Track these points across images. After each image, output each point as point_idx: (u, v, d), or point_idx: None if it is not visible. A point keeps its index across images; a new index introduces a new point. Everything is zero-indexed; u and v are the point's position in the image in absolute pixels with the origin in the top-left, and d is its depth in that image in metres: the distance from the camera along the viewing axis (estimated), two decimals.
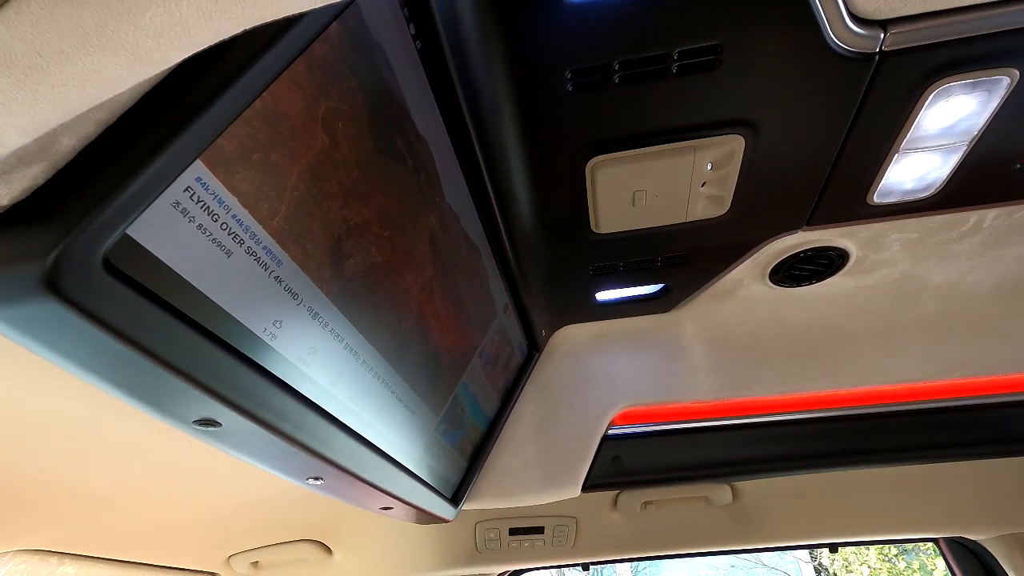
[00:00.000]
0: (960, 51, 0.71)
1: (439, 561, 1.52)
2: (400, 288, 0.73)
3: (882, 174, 0.90)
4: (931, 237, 1.09)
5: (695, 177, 0.88)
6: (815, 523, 1.46)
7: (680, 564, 15.33)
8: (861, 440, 1.25)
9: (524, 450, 1.29)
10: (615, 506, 1.43)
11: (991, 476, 1.33)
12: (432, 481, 1.05)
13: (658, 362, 1.34)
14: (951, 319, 1.29)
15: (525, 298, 1.15)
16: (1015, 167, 0.91)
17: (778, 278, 1.19)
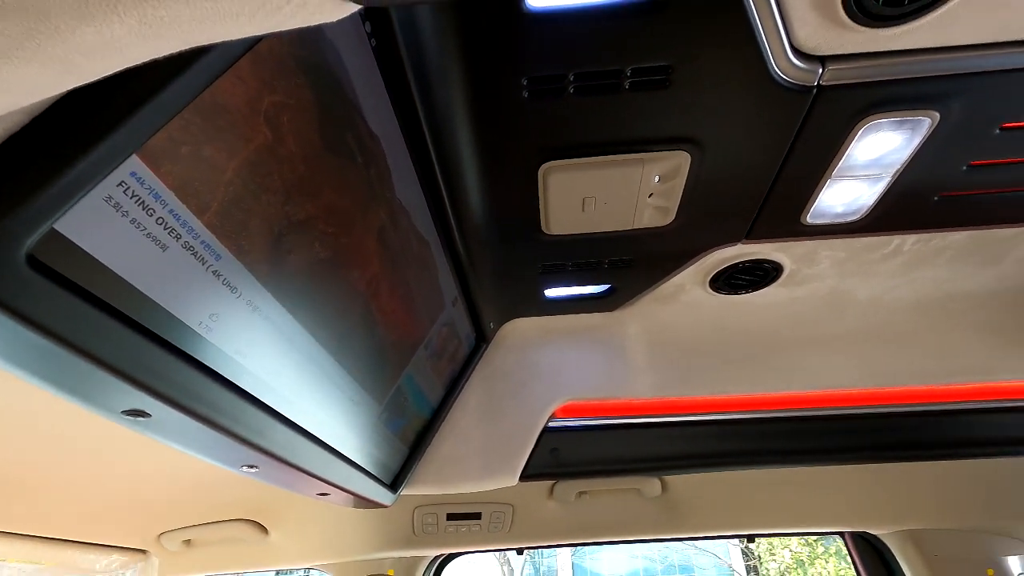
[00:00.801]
0: (889, 91, 0.76)
1: (376, 543, 1.54)
2: (345, 282, 0.73)
3: (815, 197, 0.96)
4: (857, 256, 1.16)
5: (643, 188, 0.91)
6: (736, 515, 1.56)
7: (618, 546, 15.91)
8: (781, 441, 1.34)
9: (466, 439, 1.32)
10: (551, 495, 1.48)
11: (891, 478, 1.45)
12: (371, 468, 1.06)
13: (601, 359, 1.39)
14: (872, 332, 1.38)
15: (475, 292, 1.17)
16: (933, 199, 0.98)
17: (717, 286, 1.25)
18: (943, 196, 0.97)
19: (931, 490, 1.49)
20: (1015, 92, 0.77)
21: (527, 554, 14.35)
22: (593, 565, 15.92)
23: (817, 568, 10.41)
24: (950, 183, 0.94)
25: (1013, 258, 1.19)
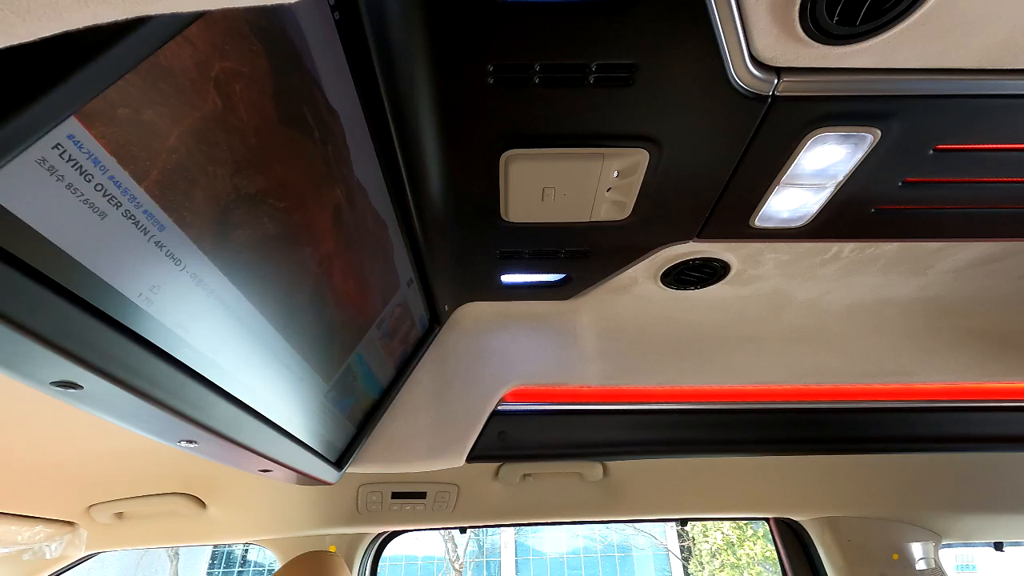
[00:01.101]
0: (837, 106, 0.80)
1: (318, 519, 1.53)
2: (296, 260, 0.72)
3: (764, 202, 1.00)
4: (799, 260, 1.22)
5: (602, 182, 0.93)
6: (672, 500, 1.63)
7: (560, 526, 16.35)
8: (716, 432, 1.41)
9: (415, 419, 1.32)
10: (496, 476, 1.51)
11: (813, 469, 1.55)
12: (316, 445, 1.05)
13: (553, 346, 1.41)
14: (810, 332, 1.46)
15: (431, 274, 1.16)
16: (870, 211, 1.04)
17: (668, 281, 1.29)
18: (879, 209, 1.03)
19: (847, 481, 1.60)
20: (949, 117, 0.82)
21: (471, 531, 14.55)
22: (535, 543, 16.32)
23: (745, 549, 11.03)
24: (886, 197, 1.00)
25: (937, 270, 1.28)
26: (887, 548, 1.64)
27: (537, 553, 16.16)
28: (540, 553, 16.15)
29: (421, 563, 16.24)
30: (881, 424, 1.42)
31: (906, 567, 1.63)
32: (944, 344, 1.45)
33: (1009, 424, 1.42)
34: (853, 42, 0.70)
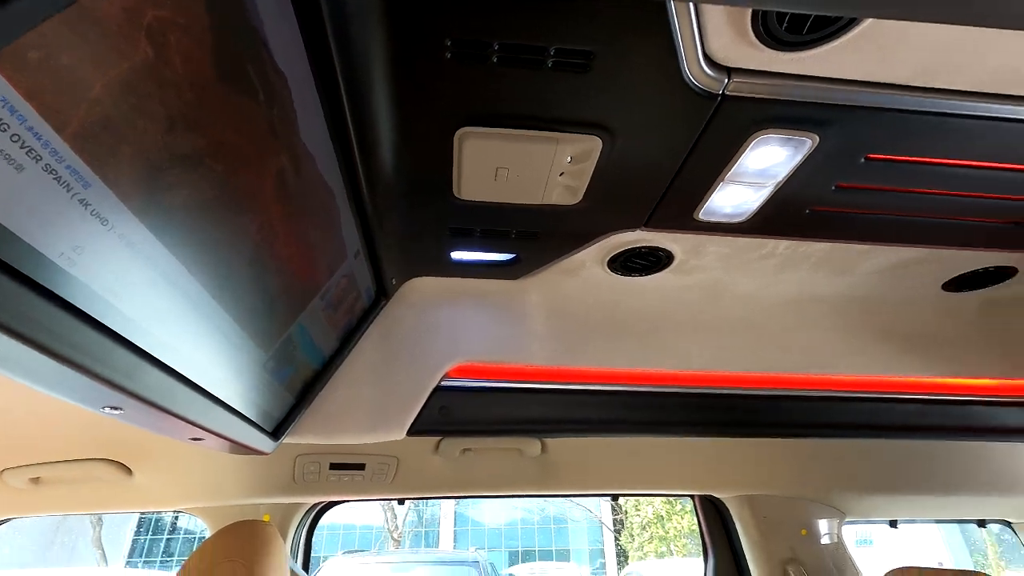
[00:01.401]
0: (781, 110, 0.83)
1: (252, 489, 1.51)
2: (236, 225, 0.69)
3: (708, 196, 1.04)
4: (739, 254, 1.28)
5: (555, 166, 0.94)
6: (606, 477, 1.70)
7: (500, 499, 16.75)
8: (649, 413, 1.47)
9: (356, 391, 1.32)
10: (436, 450, 1.53)
11: (735, 451, 1.65)
12: (252, 415, 1.03)
13: (499, 324, 1.43)
14: (745, 323, 1.54)
15: (379, 247, 1.15)
16: (805, 212, 1.09)
17: (615, 266, 1.32)
18: (813, 210, 1.09)
19: (766, 463, 1.71)
20: (880, 128, 0.87)
21: (411, 502, 14.68)
22: (475, 514, 16.66)
23: (673, 523, 11.65)
24: (820, 199, 1.06)
25: (862, 270, 1.37)
26: (797, 524, 1.78)
27: (476, 523, 16.52)
28: (478, 523, 16.51)
29: (359, 532, 16.29)
30: (799, 411, 1.52)
31: (813, 541, 1.77)
32: (863, 340, 1.56)
33: (909, 415, 1.55)
34: (800, 49, 0.73)
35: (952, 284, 1.42)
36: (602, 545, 15.45)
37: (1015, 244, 1.22)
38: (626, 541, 13.14)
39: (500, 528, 16.34)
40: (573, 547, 15.97)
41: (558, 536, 16.11)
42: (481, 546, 15.25)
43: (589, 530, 15.91)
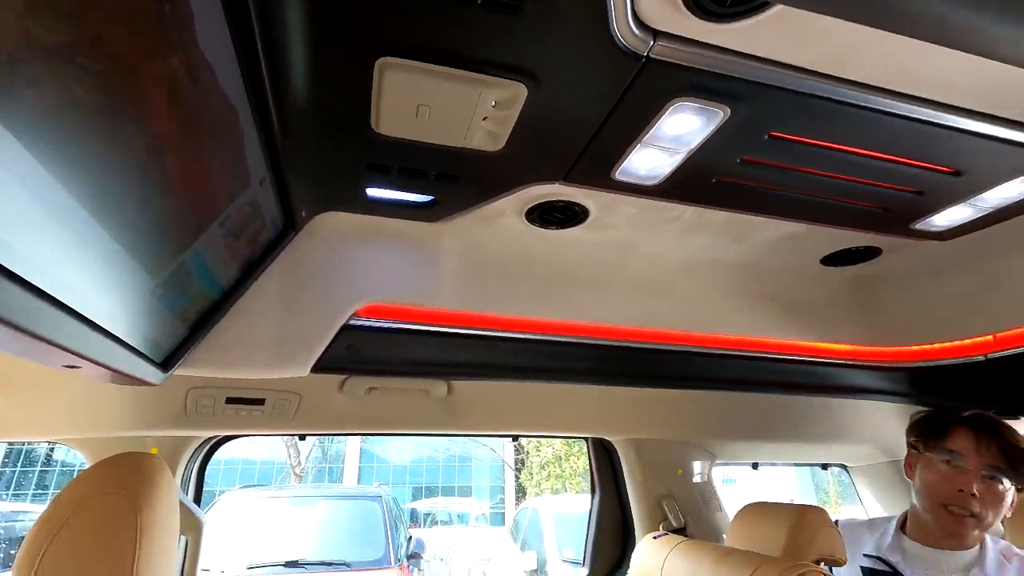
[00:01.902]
0: (700, 79, 0.86)
1: (137, 420, 1.42)
2: (118, 137, 0.62)
3: (625, 157, 1.07)
4: (648, 215, 1.34)
5: (478, 109, 0.92)
6: (508, 418, 1.79)
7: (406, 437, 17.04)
8: (552, 361, 1.54)
9: (257, 325, 1.26)
10: (341, 388, 1.52)
11: (625, 398, 1.78)
12: (138, 344, 0.97)
13: (413, 266, 1.41)
14: (649, 281, 1.63)
15: (288, 175, 1.08)
16: (711, 181, 1.16)
17: (532, 218, 1.34)
18: (719, 180, 1.16)
19: (651, 410, 1.87)
20: (785, 108, 0.93)
21: (316, 439, 14.58)
22: (381, 451, 16.88)
23: (570, 463, 12.48)
24: (725, 171, 1.12)
25: (755, 240, 1.48)
26: (674, 465, 1.98)
27: (381, 460, 16.77)
28: (384, 460, 16.78)
29: (259, 467, 16.01)
30: (685, 365, 1.66)
31: (686, 480, 1.99)
32: (748, 304, 1.71)
33: (777, 373, 1.75)
34: (722, 21, 0.75)
35: (829, 259, 1.58)
36: (503, 483, 16.30)
37: (882, 227, 1.37)
38: (525, 479, 13.96)
39: (405, 466, 16.73)
40: (475, 484, 16.73)
41: (461, 474, 16.77)
42: (386, 482, 15.56)
43: (491, 469, 16.69)
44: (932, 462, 1.46)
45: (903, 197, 1.21)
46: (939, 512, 1.41)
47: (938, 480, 1.43)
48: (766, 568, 1.15)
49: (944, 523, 1.41)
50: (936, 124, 0.97)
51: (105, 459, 1.07)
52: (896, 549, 1.47)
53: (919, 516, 1.49)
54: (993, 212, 1.28)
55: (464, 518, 15.87)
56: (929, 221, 1.32)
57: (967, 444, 1.42)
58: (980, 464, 1.39)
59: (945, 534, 1.41)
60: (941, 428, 1.49)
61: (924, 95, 0.91)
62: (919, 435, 1.55)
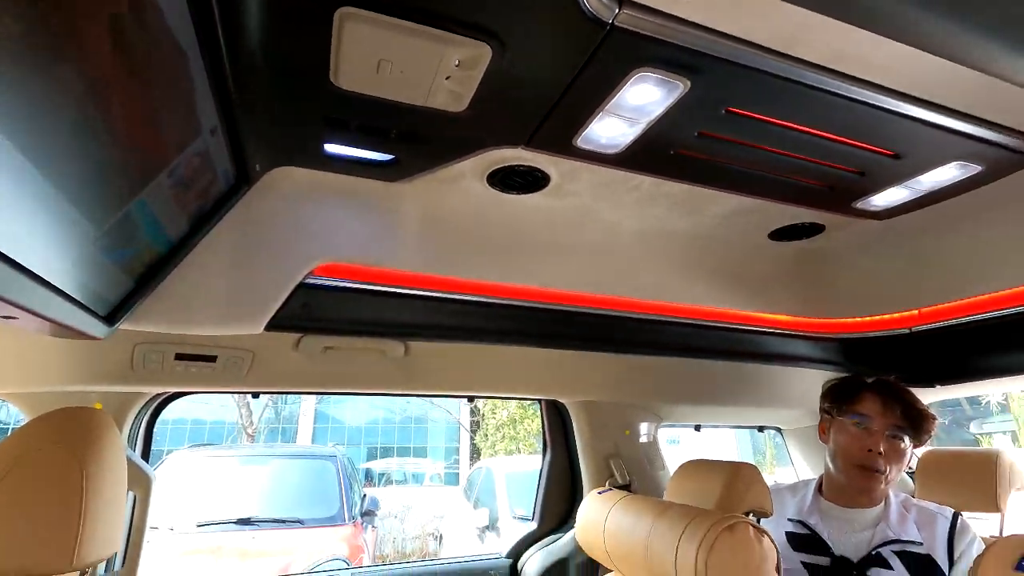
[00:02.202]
0: (662, 50, 0.87)
1: (81, 375, 1.38)
2: (56, 76, 0.59)
3: (588, 124, 1.08)
4: (608, 185, 1.36)
5: (442, 68, 0.91)
6: (464, 380, 1.82)
7: (362, 397, 17.04)
8: (509, 324, 1.58)
9: (209, 281, 1.23)
10: (296, 347, 1.50)
11: (578, 362, 1.84)
12: (80, 296, 0.93)
13: (372, 226, 1.40)
14: (605, 249, 1.66)
15: (241, 126, 1.04)
16: (669, 152, 1.18)
17: (494, 182, 1.34)
18: (677, 152, 1.19)
19: (602, 373, 1.94)
20: (741, 83, 0.96)
21: (270, 399, 14.39)
22: (336, 413, 16.82)
23: (525, 425, 12.80)
24: (683, 144, 1.15)
25: (708, 213, 1.53)
26: (622, 426, 2.08)
27: (336, 421, 16.73)
28: (339, 422, 16.75)
29: (209, 427, 15.72)
30: (637, 331, 1.73)
31: (633, 440, 2.09)
32: (698, 274, 1.78)
33: (721, 341, 1.84)
34: None
35: (776, 234, 1.65)
36: (458, 444, 16.59)
37: (826, 205, 1.44)
38: (480, 441, 14.24)
39: (360, 427, 16.76)
40: (431, 445, 16.96)
41: (417, 435, 16.95)
42: (341, 443, 15.57)
43: (447, 430, 16.93)
44: (844, 425, 1.59)
45: (847, 177, 1.28)
46: (851, 471, 1.55)
47: (849, 441, 1.56)
48: (700, 520, 1.24)
49: (856, 481, 1.54)
50: (880, 108, 1.02)
51: (48, 413, 1.04)
52: (814, 511, 1.61)
53: (833, 477, 1.62)
54: (927, 194, 1.36)
55: (419, 478, 16.14)
56: (869, 201, 1.40)
57: (875, 407, 1.55)
58: (885, 425, 1.53)
59: (856, 492, 1.55)
60: (851, 394, 1.62)
61: (871, 79, 0.95)
62: (831, 401, 1.66)
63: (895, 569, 1.44)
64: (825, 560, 1.51)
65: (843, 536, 1.53)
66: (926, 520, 1.51)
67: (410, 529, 9.93)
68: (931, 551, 1.45)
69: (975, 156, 1.18)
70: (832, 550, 1.51)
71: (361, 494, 5.61)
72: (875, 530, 1.51)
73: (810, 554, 1.53)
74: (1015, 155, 1.17)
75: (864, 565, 1.47)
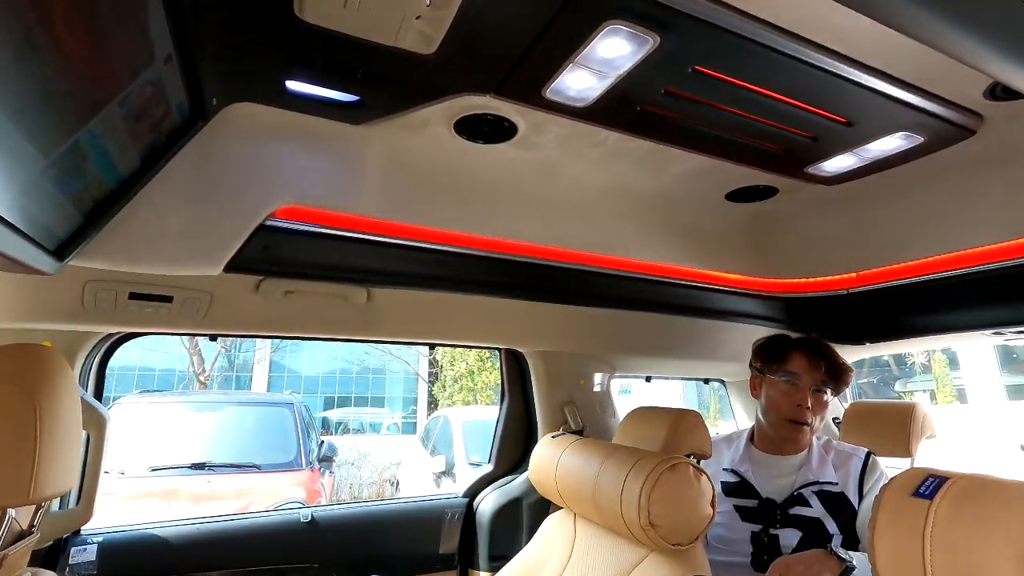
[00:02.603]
0: (631, 3, 0.88)
1: (27, 312, 1.32)
2: None
3: (558, 75, 1.08)
4: (574, 139, 1.37)
5: (412, 6, 0.89)
6: (426, 327, 1.85)
7: (319, 346, 16.88)
8: (471, 273, 1.60)
9: (164, 218, 1.19)
10: (257, 290, 1.48)
11: (539, 312, 1.89)
12: (27, 228, 0.89)
13: (335, 169, 1.37)
14: (567, 203, 1.69)
15: (197, 55, 0.99)
16: (636, 109, 1.20)
17: (461, 130, 1.33)
18: (643, 109, 1.20)
19: (560, 324, 2.00)
20: (708, 42, 0.97)
21: (222, 346, 14.08)
22: (293, 363, 16.68)
23: (483, 377, 13.04)
24: (650, 100, 1.17)
25: (669, 172, 1.57)
26: (577, 375, 2.17)
27: (292, 371, 16.61)
28: (295, 371, 16.63)
29: (159, 375, 15.34)
30: (595, 284, 1.78)
31: (587, 389, 2.19)
32: (656, 231, 1.83)
33: (673, 296, 1.92)
34: None
35: (732, 195, 1.71)
36: (416, 395, 16.80)
37: (781, 169, 1.50)
38: (438, 391, 14.46)
39: (318, 376, 16.70)
40: (389, 396, 17.12)
41: (375, 385, 17.06)
42: (297, 392, 15.52)
43: (405, 381, 17.09)
44: (774, 383, 1.72)
45: (801, 142, 1.33)
46: (781, 424, 1.69)
47: (779, 398, 1.69)
48: (645, 460, 1.33)
49: (784, 432, 1.69)
50: (838, 75, 1.06)
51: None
52: (746, 459, 1.75)
53: (763, 429, 1.77)
54: (873, 163, 1.44)
55: (376, 427, 16.34)
56: (820, 166, 1.47)
57: (802, 365, 1.69)
58: (812, 381, 1.67)
59: (784, 441, 1.71)
60: (779, 354, 1.74)
61: (831, 46, 0.99)
62: (762, 360, 1.78)
63: (813, 507, 1.61)
64: (753, 503, 1.66)
65: (770, 481, 1.69)
66: (842, 460, 1.68)
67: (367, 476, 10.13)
68: (844, 489, 1.62)
69: (919, 127, 1.25)
70: (760, 494, 1.66)
71: (319, 441, 5.66)
72: (798, 474, 1.67)
73: (741, 498, 1.68)
74: (955, 128, 1.25)
75: (786, 505, 1.63)
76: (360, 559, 1.84)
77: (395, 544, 1.93)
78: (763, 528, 1.62)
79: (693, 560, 1.31)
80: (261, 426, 5.35)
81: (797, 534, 1.59)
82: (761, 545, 1.61)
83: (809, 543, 1.57)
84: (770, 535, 1.61)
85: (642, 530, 1.27)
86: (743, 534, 1.63)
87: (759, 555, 1.61)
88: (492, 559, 1.96)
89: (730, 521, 1.66)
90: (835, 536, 1.58)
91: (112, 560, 1.57)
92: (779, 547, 1.59)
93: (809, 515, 1.60)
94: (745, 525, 1.64)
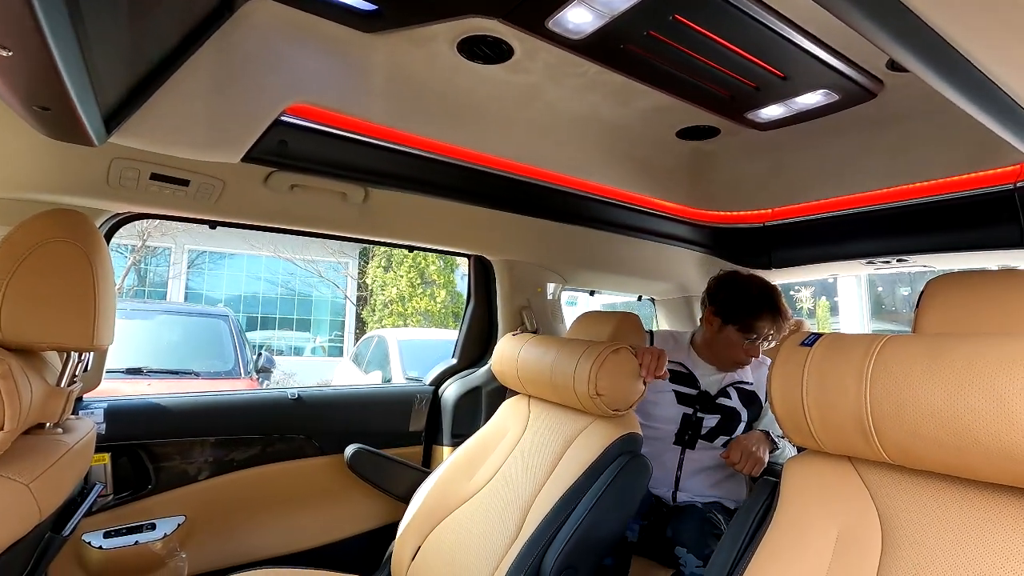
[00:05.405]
0: None
1: (57, 184, 1.37)
2: None
3: (563, 9, 1.26)
4: (560, 67, 1.56)
5: None
6: (414, 230, 2.05)
7: (239, 269, 16.20)
8: (455, 182, 1.81)
9: (192, 104, 1.29)
10: (266, 182, 1.60)
11: (508, 223, 2.13)
12: (96, 96, 0.98)
13: (345, 74, 1.49)
14: (542, 125, 1.88)
15: None
16: (619, 47, 1.41)
17: (463, 49, 1.47)
18: (625, 47, 1.41)
19: (524, 236, 2.27)
20: None
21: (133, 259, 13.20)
22: (209, 286, 15.92)
23: (414, 303, 13.22)
24: (632, 40, 1.37)
25: (634, 107, 1.80)
26: (535, 284, 2.46)
27: (211, 290, 15.89)
28: (214, 290, 15.93)
29: None
30: (559, 202, 2.05)
31: (543, 297, 2.49)
32: (615, 160, 2.09)
33: (620, 216, 2.23)
34: None
35: (682, 132, 1.98)
36: (343, 319, 16.71)
37: (725, 111, 1.77)
38: (368, 315, 14.50)
39: (239, 296, 16.11)
40: (315, 318, 16.90)
41: (301, 308, 16.74)
42: None
43: (333, 304, 16.89)
44: (735, 334, 2.01)
45: (746, 89, 1.60)
46: (727, 361, 2.07)
47: (736, 346, 2.03)
48: (593, 347, 1.65)
49: (727, 365, 2.09)
50: (782, 35, 1.32)
51: (46, 212, 1.12)
52: (689, 359, 2.14)
53: (710, 347, 2.11)
54: (798, 114, 1.75)
55: (300, 350, 16.21)
56: (757, 112, 1.76)
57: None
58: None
59: (724, 364, 2.10)
60: (749, 313, 1.96)
61: (779, 9, 1.23)
62: (728, 311, 1.99)
63: (732, 399, 2.06)
64: (693, 391, 2.07)
65: (707, 377, 2.10)
66: (756, 366, 2.12)
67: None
68: (757, 388, 2.08)
69: (836, 87, 1.55)
70: (699, 384, 2.06)
71: (257, 352, 5.71)
72: (728, 374, 2.10)
73: (683, 386, 2.08)
74: (862, 90, 1.56)
75: (716, 397, 2.06)
76: (341, 433, 2.09)
77: (371, 422, 2.19)
78: (694, 411, 2.03)
79: (628, 424, 1.67)
80: (197, 335, 5.32)
81: (716, 418, 2.02)
82: (688, 424, 2.04)
83: (724, 426, 2.01)
84: (697, 417, 2.03)
85: (590, 399, 1.60)
86: (675, 413, 2.04)
87: (683, 431, 2.03)
88: (454, 436, 2.28)
89: (668, 401, 2.06)
90: (742, 424, 2.03)
91: (117, 423, 1.71)
92: (701, 427, 2.02)
93: (728, 405, 2.05)
94: (679, 408, 2.05)
